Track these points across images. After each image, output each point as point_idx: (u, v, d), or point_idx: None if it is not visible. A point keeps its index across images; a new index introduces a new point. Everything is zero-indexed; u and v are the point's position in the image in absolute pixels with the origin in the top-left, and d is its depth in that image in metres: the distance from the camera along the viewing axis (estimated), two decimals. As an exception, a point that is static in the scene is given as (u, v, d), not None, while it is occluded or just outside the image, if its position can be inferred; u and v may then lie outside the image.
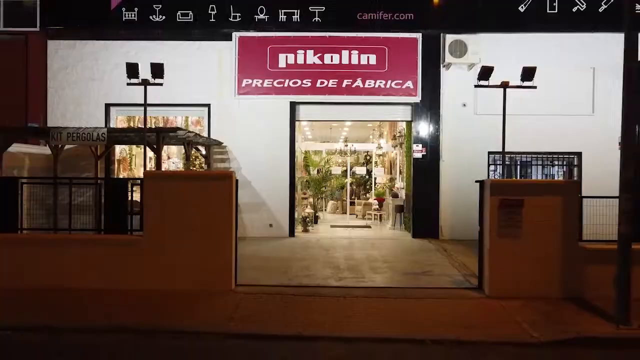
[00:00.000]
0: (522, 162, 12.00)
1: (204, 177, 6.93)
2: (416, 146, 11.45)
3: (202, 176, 6.99)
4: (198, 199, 6.61)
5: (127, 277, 6.56)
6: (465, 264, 8.63)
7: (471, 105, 11.38)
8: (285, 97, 11.46)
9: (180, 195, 6.62)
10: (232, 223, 6.76)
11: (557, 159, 11.85)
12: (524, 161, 12.01)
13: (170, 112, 11.93)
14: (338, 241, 11.08)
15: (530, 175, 12.10)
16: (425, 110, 11.45)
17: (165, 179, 6.74)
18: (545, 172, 12.61)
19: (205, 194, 6.63)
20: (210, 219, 6.63)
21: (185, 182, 6.72)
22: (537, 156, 11.74)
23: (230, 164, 11.56)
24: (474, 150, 11.37)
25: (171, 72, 11.45)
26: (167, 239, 6.59)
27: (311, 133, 20.21)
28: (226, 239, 6.70)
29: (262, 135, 11.51)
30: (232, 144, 11.53)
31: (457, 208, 11.37)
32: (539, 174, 12.26)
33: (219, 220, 6.65)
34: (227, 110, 11.51)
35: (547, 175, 12.47)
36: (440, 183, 11.43)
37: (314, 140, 18.99)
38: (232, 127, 11.50)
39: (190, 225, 6.59)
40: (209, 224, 6.62)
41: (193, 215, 6.60)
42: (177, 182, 6.71)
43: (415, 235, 11.48)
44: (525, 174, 12.09)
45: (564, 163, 11.99)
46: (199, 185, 6.65)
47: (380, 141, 15.19)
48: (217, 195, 6.66)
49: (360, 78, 11.37)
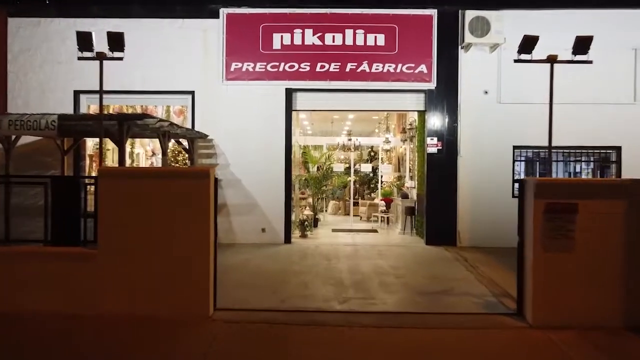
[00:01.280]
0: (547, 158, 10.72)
1: (174, 174, 5.68)
2: (430, 140, 10.18)
3: (172, 174, 5.74)
4: (167, 202, 5.37)
5: (77, 299, 5.33)
6: (493, 279, 7.38)
7: (494, 93, 10.11)
8: (280, 83, 10.20)
9: (144, 198, 5.38)
10: (209, 231, 5.53)
11: (593, 154, 10.58)
12: (551, 157, 10.73)
13: (149, 101, 10.67)
14: (341, 248, 9.83)
15: (550, 174, 10.83)
16: (440, 99, 10.18)
17: (125, 177, 5.49)
18: (568, 169, 11.39)
19: (176, 195, 5.39)
20: (183, 226, 5.39)
21: (152, 181, 5.47)
22: (568, 151, 10.47)
23: (217, 159, 10.31)
24: (496, 145, 10.12)
25: (150, 54, 10.25)
26: (128, 252, 5.35)
27: (310, 127, 18.97)
28: (202, 251, 5.47)
29: (253, 127, 10.27)
30: (219, 137, 10.28)
31: (477, 210, 10.13)
32: (560, 172, 11.01)
33: (193, 229, 5.42)
34: (214, 99, 10.25)
35: (571, 173, 11.21)
36: (457, 182, 10.18)
37: (313, 135, 17.74)
38: (219, 118, 10.25)
39: (156, 234, 5.35)
40: (180, 233, 5.39)
41: (161, 222, 5.37)
42: (141, 181, 5.47)
43: (428, 242, 10.23)
44: (545, 171, 10.84)
45: (597, 159, 10.73)
46: (168, 184, 5.41)
47: (387, 135, 13.92)
48: (191, 198, 5.42)
49: (367, 61, 10.11)
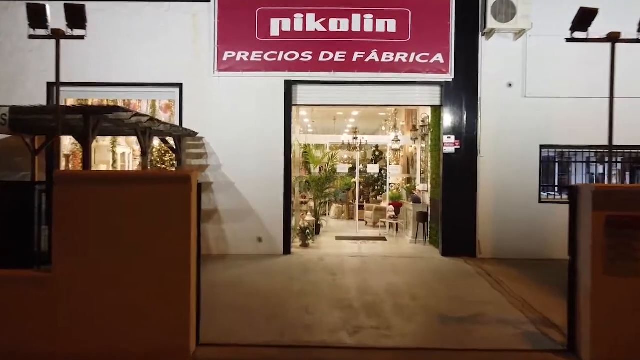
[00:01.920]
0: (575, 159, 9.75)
1: (148, 180, 4.67)
2: (447, 138, 9.18)
3: (145, 179, 4.72)
4: (139, 212, 4.37)
5: (26, 335, 4.33)
6: (527, 300, 6.38)
7: (519, 86, 9.12)
8: (279, 74, 9.21)
9: (110, 208, 4.38)
10: (191, 248, 4.51)
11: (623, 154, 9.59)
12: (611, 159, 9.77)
13: (132, 94, 9.67)
14: (347, 260, 8.83)
15: (569, 177, 9.88)
16: (458, 92, 9.18)
17: (87, 183, 4.48)
18: (591, 170, 10.45)
19: (149, 205, 4.38)
20: (158, 243, 4.39)
21: (120, 188, 4.46)
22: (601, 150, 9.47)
23: (207, 160, 9.31)
24: (521, 144, 9.14)
25: (132, 42, 9.25)
26: (90, 275, 4.35)
27: (311, 125, 17.98)
28: (182, 273, 4.46)
29: (249, 124, 9.27)
30: (210, 135, 9.27)
31: (499, 218, 9.14)
32: (582, 176, 10.04)
33: (171, 245, 4.42)
34: (204, 92, 9.25)
35: (594, 176, 10.24)
36: (477, 185, 9.18)
37: (315, 133, 16.74)
38: (210, 113, 9.25)
39: (126, 252, 4.35)
40: (155, 250, 4.39)
41: (131, 238, 4.37)
42: (107, 187, 4.46)
43: (445, 253, 9.23)
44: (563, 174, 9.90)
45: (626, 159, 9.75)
46: (140, 192, 4.40)
47: (396, 133, 12.92)
48: (168, 207, 4.41)
49: (376, 50, 9.11)
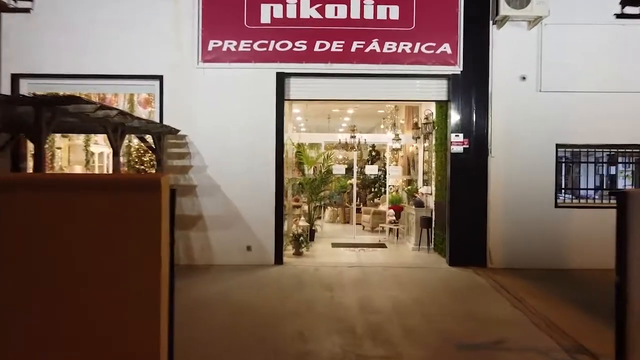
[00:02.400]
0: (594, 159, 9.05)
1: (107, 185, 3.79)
2: (455, 137, 8.42)
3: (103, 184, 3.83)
4: (95, 226, 3.50)
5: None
6: (553, 320, 5.63)
7: (533, 79, 8.37)
8: (270, 65, 8.40)
9: (59, 221, 3.51)
10: (160, 270, 3.64)
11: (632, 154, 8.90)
12: (599, 157, 9.06)
13: (107, 87, 8.81)
14: (345, 272, 8.04)
15: (579, 178, 9.16)
16: (467, 86, 8.42)
17: (27, 189, 3.60)
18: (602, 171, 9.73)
19: (109, 217, 3.51)
20: (119, 263, 3.52)
21: (71, 197, 3.60)
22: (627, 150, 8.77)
23: (190, 160, 8.48)
24: (536, 142, 8.40)
25: (107, 29, 8.39)
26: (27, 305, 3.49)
27: (304, 124, 17.19)
28: (148, 302, 3.58)
29: (237, 121, 8.46)
30: (194, 133, 8.44)
31: (512, 224, 8.40)
32: (592, 178, 9.32)
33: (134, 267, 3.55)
34: (187, 85, 8.42)
35: (604, 179, 9.53)
36: (488, 188, 8.43)
37: (309, 132, 15.95)
38: (193, 109, 8.43)
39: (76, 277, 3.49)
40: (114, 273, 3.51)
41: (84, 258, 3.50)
42: (53, 195, 3.59)
43: (452, 262, 8.47)
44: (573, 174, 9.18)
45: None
46: (96, 201, 3.54)
47: (396, 131, 12.14)
48: (132, 220, 3.54)
49: (377, 39, 8.34)
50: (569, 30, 8.19)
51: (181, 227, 8.40)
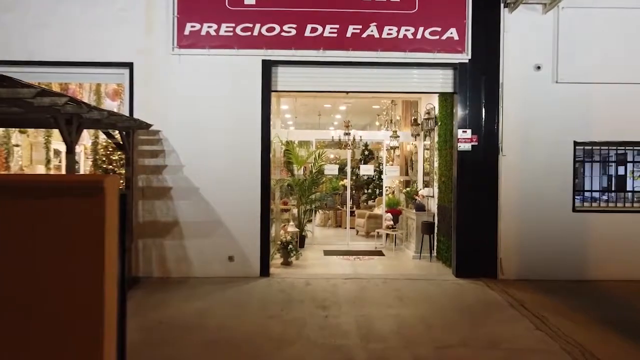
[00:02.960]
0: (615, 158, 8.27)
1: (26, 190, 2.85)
2: (463, 133, 7.58)
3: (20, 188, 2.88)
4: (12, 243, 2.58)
5: None
6: (587, 347, 4.80)
7: (549, 69, 7.57)
8: (255, 52, 7.50)
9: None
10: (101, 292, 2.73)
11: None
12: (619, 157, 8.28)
13: (70, 76, 7.81)
14: (340, 285, 7.15)
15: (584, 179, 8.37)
16: (476, 76, 7.60)
17: None
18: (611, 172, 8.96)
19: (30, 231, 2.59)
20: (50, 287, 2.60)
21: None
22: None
23: (165, 159, 7.54)
24: (552, 140, 7.60)
25: (69, 8, 7.44)
26: None
27: (293, 122, 16.29)
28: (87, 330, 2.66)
29: (217, 115, 7.55)
30: (168, 128, 7.51)
31: (526, 229, 7.59)
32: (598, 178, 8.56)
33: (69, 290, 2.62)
34: (161, 73, 7.49)
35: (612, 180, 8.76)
36: (499, 190, 7.60)
37: (299, 128, 15.03)
38: (168, 101, 7.50)
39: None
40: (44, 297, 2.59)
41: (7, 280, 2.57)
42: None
43: (459, 273, 7.64)
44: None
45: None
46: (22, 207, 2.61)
47: (393, 128, 11.27)
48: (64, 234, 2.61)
49: (375, 23, 7.48)
50: (589, 14, 7.42)
51: (154, 235, 7.47)
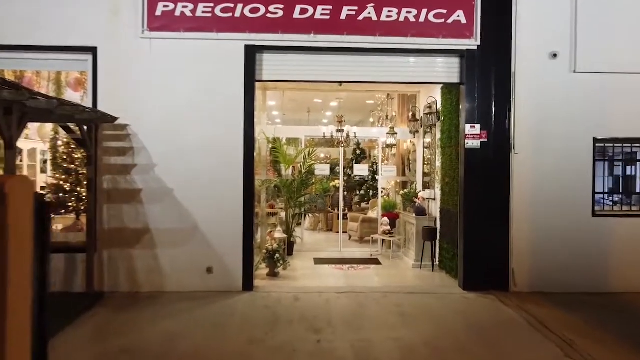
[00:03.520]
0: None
1: None
2: (471, 128, 6.82)
3: None
4: None
5: None
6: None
7: (567, 57, 6.84)
8: (237, 36, 6.67)
9: None
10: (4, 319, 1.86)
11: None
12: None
13: (26, 63, 6.89)
14: (333, 301, 6.34)
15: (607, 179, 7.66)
16: (486, 65, 6.84)
17: None
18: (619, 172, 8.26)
19: None
20: None
21: None
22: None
23: (134, 157, 6.67)
24: (569, 136, 6.87)
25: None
26: None
27: (280, 117, 15.46)
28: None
29: (194, 107, 6.70)
30: (138, 122, 6.65)
31: (541, 236, 6.86)
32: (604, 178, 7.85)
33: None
34: (129, 60, 6.63)
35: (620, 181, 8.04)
36: (511, 192, 6.85)
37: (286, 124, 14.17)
38: (137, 91, 6.64)
39: None
40: None
41: None
42: None
43: (467, 285, 6.87)
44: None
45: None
46: None
47: (390, 124, 10.46)
48: None
49: (373, 4, 6.69)
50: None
51: (122, 244, 6.60)
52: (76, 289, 6.44)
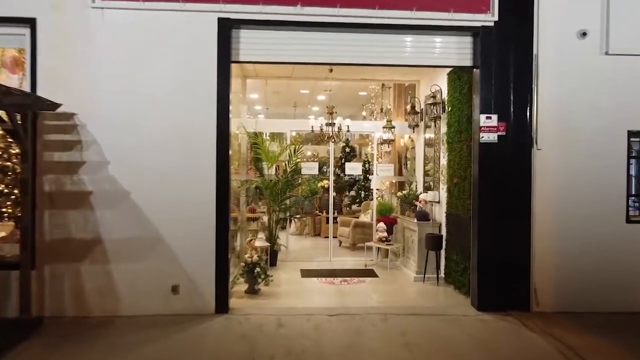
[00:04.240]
0: None
1: None
2: (487, 119, 5.84)
3: None
4: None
5: None
6: None
7: (597, 36, 5.89)
8: (209, 7, 5.60)
9: None
10: None
11: None
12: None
13: (-50, 39, 5.72)
14: (324, 326, 5.30)
15: None
16: (504, 45, 5.85)
17: None
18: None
19: None
20: None
21: None
22: None
23: (82, 152, 5.56)
24: (600, 128, 5.92)
25: None
26: None
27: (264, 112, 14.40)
28: None
29: (156, 94, 5.62)
30: (87, 110, 5.54)
31: (567, 246, 5.91)
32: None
33: None
34: (76, 36, 5.52)
35: None
36: (532, 194, 5.89)
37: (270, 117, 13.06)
38: (86, 73, 5.54)
39: None
40: None
41: None
42: None
43: (482, 304, 5.89)
44: None
45: None
46: None
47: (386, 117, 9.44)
48: None
49: (371, -29, 5.66)
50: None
51: (67, 259, 5.49)
52: (10, 314, 5.32)
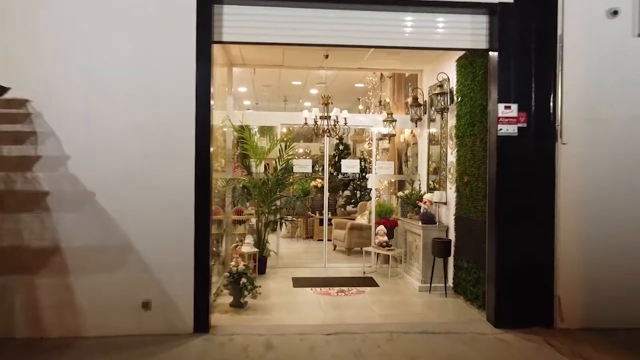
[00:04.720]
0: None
1: None
2: (505, 109, 5.15)
3: None
4: None
5: None
6: None
7: (629, 15, 5.22)
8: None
9: None
10: None
11: None
12: None
13: None
14: (320, 348, 4.59)
15: None
16: (524, 25, 5.17)
17: None
18: None
19: None
20: None
21: None
22: None
23: (38, 147, 4.79)
24: (633, 120, 5.25)
25: None
26: None
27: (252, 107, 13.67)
28: None
29: (126, 79, 4.87)
30: (43, 96, 4.78)
31: (596, 253, 5.24)
32: None
33: None
34: (26, 4, 4.74)
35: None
36: (556, 194, 5.21)
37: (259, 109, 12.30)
38: (42, 51, 4.78)
39: None
40: None
41: None
42: None
43: (500, 320, 5.21)
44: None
45: None
46: None
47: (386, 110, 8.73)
48: None
49: (374, -62, 4.95)
50: None
51: (19, 270, 4.73)
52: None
